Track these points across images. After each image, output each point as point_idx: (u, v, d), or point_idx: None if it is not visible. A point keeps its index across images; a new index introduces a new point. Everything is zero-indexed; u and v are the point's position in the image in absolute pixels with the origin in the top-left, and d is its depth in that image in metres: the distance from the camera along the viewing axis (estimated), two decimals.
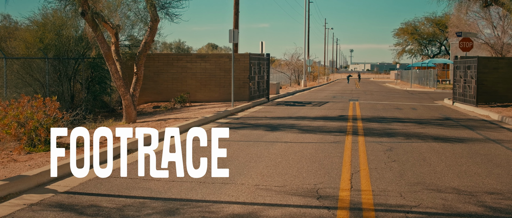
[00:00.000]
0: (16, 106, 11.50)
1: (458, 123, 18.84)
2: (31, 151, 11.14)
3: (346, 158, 11.01)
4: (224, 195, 7.88)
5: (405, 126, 17.20)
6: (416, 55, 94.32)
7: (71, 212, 7.02)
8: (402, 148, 12.47)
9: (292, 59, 67.52)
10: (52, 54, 23.12)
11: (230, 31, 23.65)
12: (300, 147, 12.57)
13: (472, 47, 29.98)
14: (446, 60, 71.84)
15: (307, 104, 27.82)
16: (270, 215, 6.90)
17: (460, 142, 13.77)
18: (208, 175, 9.20)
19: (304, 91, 46.88)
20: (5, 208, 7.16)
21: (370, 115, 21.09)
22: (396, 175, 9.40)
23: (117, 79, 17.25)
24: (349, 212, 7.06)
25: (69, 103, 23.22)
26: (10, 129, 11.21)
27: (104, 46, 16.75)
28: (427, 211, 7.15)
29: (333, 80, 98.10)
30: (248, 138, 14.02)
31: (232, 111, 21.79)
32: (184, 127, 15.84)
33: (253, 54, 28.38)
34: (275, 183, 8.70)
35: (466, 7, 34.82)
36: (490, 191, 8.31)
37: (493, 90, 26.21)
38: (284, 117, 20.31)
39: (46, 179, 8.73)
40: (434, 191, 8.24)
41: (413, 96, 38.76)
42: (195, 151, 11.63)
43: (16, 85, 21.57)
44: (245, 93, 27.42)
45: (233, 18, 36.76)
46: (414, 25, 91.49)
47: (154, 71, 28.18)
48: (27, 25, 25.42)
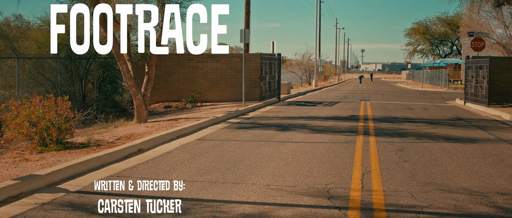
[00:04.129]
0: (28, 106, 11.56)
1: (470, 123, 18.75)
2: (43, 150, 11.19)
3: (357, 158, 10.98)
4: (235, 195, 7.88)
5: (416, 126, 17.14)
6: (427, 55, 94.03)
7: (82, 211, 7.05)
8: (413, 148, 12.43)
9: (303, 59, 67.47)
10: (64, 54, 23.20)
11: (241, 31, 23.64)
12: (311, 147, 12.56)
13: (484, 47, 29.80)
14: (458, 60, 71.60)
15: (318, 104, 27.77)
16: (281, 215, 6.90)
17: (471, 142, 13.70)
18: (218, 175, 9.21)
19: (315, 91, 46.81)
20: (17, 207, 7.20)
21: (381, 115, 21.03)
22: (408, 175, 9.37)
23: (128, 79, 17.30)
24: (360, 212, 7.04)
25: (81, 103, 23.31)
26: (22, 129, 11.27)
27: (115, 46, 16.80)
28: (438, 211, 7.12)
29: (344, 80, 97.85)
30: (259, 138, 14.02)
31: (243, 111, 21.79)
32: (195, 127, 15.86)
33: (264, 54, 28.38)
34: (286, 183, 8.69)
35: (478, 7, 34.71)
36: (502, 191, 8.27)
37: (505, 90, 26.02)
38: (295, 116, 20.29)
39: (57, 178, 8.77)
40: (445, 191, 8.20)
41: (425, 96, 38.61)
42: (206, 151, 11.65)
43: (28, 85, 21.66)
44: (256, 93, 27.42)
45: (244, 18, 36.76)
46: (426, 25, 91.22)
47: (165, 71, 28.24)
48: (39, 25, 25.52)
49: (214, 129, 15.97)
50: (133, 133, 14.20)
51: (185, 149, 12.10)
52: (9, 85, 21.29)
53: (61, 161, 9.83)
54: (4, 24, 27.14)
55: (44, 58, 22.56)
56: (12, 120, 11.30)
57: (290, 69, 63.08)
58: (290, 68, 65.00)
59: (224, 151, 11.88)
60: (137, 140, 12.46)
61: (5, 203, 7.39)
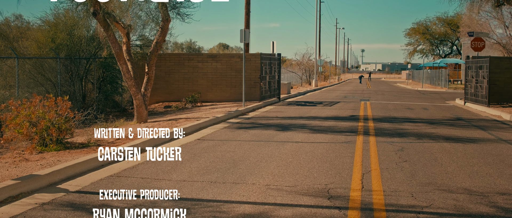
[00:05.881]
0: (28, 106, 11.56)
1: (470, 123, 18.75)
2: (43, 150, 11.20)
3: (357, 158, 10.98)
4: (235, 195, 7.88)
5: (416, 126, 17.14)
6: (427, 55, 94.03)
7: (82, 211, 7.05)
8: (413, 148, 12.43)
9: (303, 59, 67.46)
10: (63, 54, 23.21)
11: (241, 31, 23.64)
12: (311, 147, 12.56)
13: (484, 47, 29.80)
14: (458, 60, 71.58)
15: (318, 104, 27.78)
16: (281, 215, 6.90)
17: (471, 142, 13.70)
18: (218, 175, 9.22)
19: (315, 91, 46.81)
20: (17, 207, 7.20)
21: (381, 115, 21.03)
22: (408, 175, 9.37)
23: (128, 79, 17.30)
24: (360, 212, 7.04)
25: (81, 103, 23.31)
26: (22, 129, 11.27)
27: (115, 46, 16.79)
28: (438, 211, 7.12)
29: (344, 80, 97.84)
30: (259, 138, 14.02)
31: (243, 111, 21.79)
32: (195, 127, 15.87)
33: (264, 54, 28.38)
34: (286, 183, 8.69)
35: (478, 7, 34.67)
36: (502, 191, 8.27)
37: (505, 90, 26.01)
38: (295, 116, 20.29)
39: (57, 178, 8.77)
40: (445, 191, 8.20)
41: (425, 96, 38.61)
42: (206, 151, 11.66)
43: (28, 85, 21.67)
44: (256, 93, 27.42)
45: (244, 18, 36.75)
46: (426, 25, 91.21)
47: (165, 71, 28.24)
48: (39, 25, 25.52)
49: (214, 129, 15.97)
50: (133, 132, 14.20)
51: (185, 149, 12.11)
52: (9, 85, 21.30)
53: (61, 161, 9.83)
54: (4, 24, 27.12)
55: (44, 58, 22.56)
56: (12, 120, 11.30)
57: (290, 69, 63.06)
58: (290, 68, 64.98)
59: (224, 151, 11.88)
60: (137, 140, 12.46)
61: (5, 203, 7.39)
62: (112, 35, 16.60)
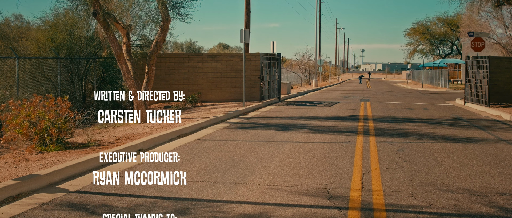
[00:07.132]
0: (28, 106, 11.56)
1: (470, 123, 18.75)
2: (43, 150, 11.20)
3: (357, 158, 10.98)
4: (235, 195, 7.88)
5: (416, 126, 17.14)
6: (427, 55, 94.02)
7: (82, 211, 7.05)
8: (413, 148, 12.43)
9: (303, 59, 67.44)
10: (63, 54, 23.21)
11: (241, 31, 23.64)
12: (311, 147, 12.56)
13: (484, 47, 29.80)
14: (458, 60, 71.58)
15: (318, 104, 27.78)
16: (281, 215, 6.90)
17: (471, 142, 13.70)
18: (218, 175, 9.22)
19: (315, 91, 46.80)
20: (17, 207, 7.20)
21: (381, 115, 21.03)
22: (408, 175, 9.37)
23: (128, 79, 17.30)
24: (360, 212, 7.04)
25: (81, 103, 23.31)
26: (22, 129, 11.27)
27: (115, 46, 16.79)
28: (438, 211, 7.12)
29: (344, 80, 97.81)
30: (259, 138, 14.02)
31: (243, 111, 21.79)
32: (195, 127, 15.86)
33: (264, 54, 28.38)
34: (286, 183, 8.69)
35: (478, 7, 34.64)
36: (502, 191, 8.27)
37: (505, 90, 26.00)
38: (295, 116, 20.29)
39: (57, 178, 8.77)
40: (445, 191, 8.20)
41: (425, 96, 38.61)
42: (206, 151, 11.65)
43: (28, 85, 21.66)
44: (256, 93, 27.42)
45: (244, 18, 36.75)
46: (426, 25, 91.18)
47: (165, 71, 28.24)
48: (39, 25, 25.54)
49: (214, 129, 15.97)
50: (133, 133, 14.20)
51: (185, 149, 12.11)
52: (9, 85, 21.30)
53: (61, 161, 9.83)
54: (4, 24, 27.15)
55: (44, 58, 22.56)
56: (12, 120, 11.31)
57: (290, 69, 63.04)
58: (290, 68, 64.96)
59: (224, 151, 11.88)
60: (137, 140, 12.46)
61: (5, 203, 7.39)
62: (112, 35, 16.60)
